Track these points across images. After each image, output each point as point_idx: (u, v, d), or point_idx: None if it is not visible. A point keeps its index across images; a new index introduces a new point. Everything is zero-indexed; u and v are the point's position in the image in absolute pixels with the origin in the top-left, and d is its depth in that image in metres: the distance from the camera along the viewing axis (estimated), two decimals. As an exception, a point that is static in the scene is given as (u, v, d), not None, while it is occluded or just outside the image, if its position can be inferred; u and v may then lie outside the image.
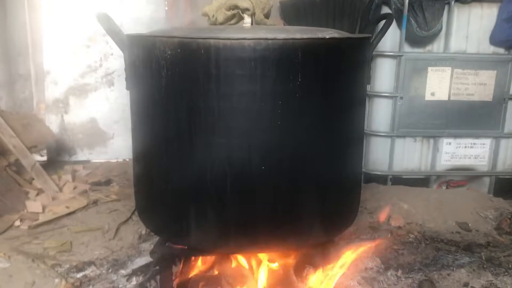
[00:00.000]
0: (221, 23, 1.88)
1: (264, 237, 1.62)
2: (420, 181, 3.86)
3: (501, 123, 3.74)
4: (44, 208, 3.28)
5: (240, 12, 1.82)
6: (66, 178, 4.03)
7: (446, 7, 3.54)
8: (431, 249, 2.87)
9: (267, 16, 1.90)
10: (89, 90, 4.94)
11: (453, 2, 3.52)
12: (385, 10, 3.58)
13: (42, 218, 3.10)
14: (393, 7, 3.53)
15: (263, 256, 1.89)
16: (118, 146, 5.04)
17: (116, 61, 4.95)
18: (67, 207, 3.30)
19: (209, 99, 1.53)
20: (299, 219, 1.64)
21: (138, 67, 1.70)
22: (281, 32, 1.58)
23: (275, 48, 1.48)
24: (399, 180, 3.84)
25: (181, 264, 2.01)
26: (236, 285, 1.80)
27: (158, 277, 1.90)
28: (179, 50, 1.51)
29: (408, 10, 3.49)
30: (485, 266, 2.64)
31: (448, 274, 2.56)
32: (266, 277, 1.87)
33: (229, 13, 1.85)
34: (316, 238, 1.72)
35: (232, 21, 1.88)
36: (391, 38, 3.61)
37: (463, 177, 3.93)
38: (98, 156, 5.00)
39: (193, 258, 2.01)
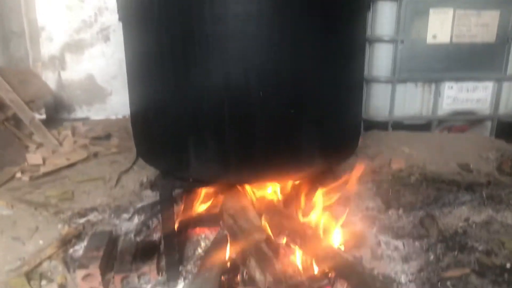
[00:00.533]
0: None
1: (264, 165, 1.60)
2: (422, 127, 3.84)
3: (503, 65, 3.69)
4: (44, 160, 3.27)
5: None
6: (66, 133, 4.01)
7: None
8: (433, 189, 2.87)
9: None
10: (85, 46, 4.86)
11: None
12: (385, -50, 3.47)
13: (43, 170, 3.09)
14: None
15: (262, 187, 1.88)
16: (117, 103, 5.00)
17: (111, 16, 4.85)
18: (68, 159, 3.29)
19: (203, 22, 1.48)
20: (299, 146, 1.62)
21: None
22: None
23: None
24: (400, 126, 3.82)
25: (183, 201, 2.00)
26: (237, 218, 1.79)
27: (160, 215, 1.89)
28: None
29: (408, -51, 3.38)
30: (486, 203, 2.65)
31: (450, 212, 2.56)
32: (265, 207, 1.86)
33: None
34: (316, 166, 1.70)
35: None
36: (391, -21, 3.51)
37: (464, 122, 3.90)
38: (97, 113, 4.97)
39: (194, 196, 2.01)
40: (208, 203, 2.02)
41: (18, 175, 3.08)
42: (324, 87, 1.63)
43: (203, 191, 2.03)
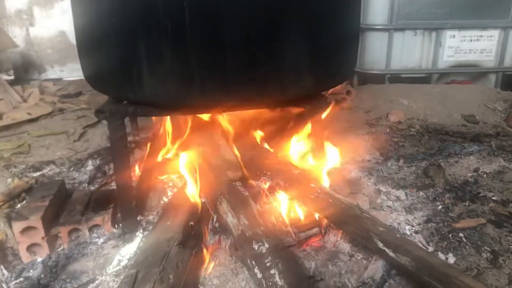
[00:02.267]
0: None
1: (237, 80, 1.24)
2: (421, 80, 3.52)
3: (511, 12, 3.35)
4: (2, 115, 2.92)
5: None
6: (31, 90, 3.65)
7: None
8: (436, 140, 2.57)
9: None
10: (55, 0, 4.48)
11: None
12: None
13: (-1, 123, 2.75)
14: None
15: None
16: (92, 62, 4.61)
17: (83, -34, 4.42)
18: (29, 113, 2.95)
19: None
20: (281, 58, 1.26)
21: None
22: None
23: None
24: (398, 80, 3.50)
25: (148, 146, 1.66)
26: (208, 156, 1.47)
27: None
28: None
29: None
30: (496, 153, 2.34)
31: (456, 162, 2.26)
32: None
33: None
34: (304, 88, 1.35)
35: None
36: None
37: (467, 77, 3.58)
38: (70, 73, 4.61)
39: (160, 137, 1.67)
40: (177, 144, 1.68)
41: (-30, 129, 2.73)
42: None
43: (170, 130, 1.68)
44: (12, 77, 4.45)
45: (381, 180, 2.03)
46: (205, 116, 1.66)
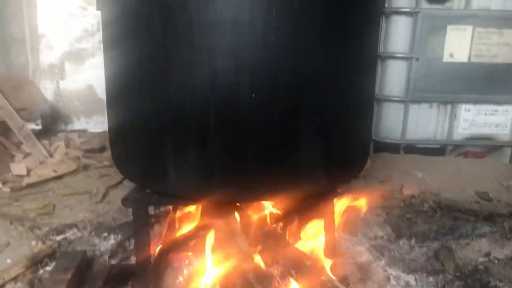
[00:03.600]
0: None
1: (255, 181, 1.35)
2: (435, 151, 3.58)
3: (526, 88, 3.44)
4: (29, 171, 3.06)
5: None
6: (58, 144, 3.80)
7: (469, -42, 3.23)
8: (448, 218, 2.61)
9: None
10: (86, 56, 4.70)
11: (476, -50, 3.20)
12: (401, -38, 3.28)
13: (26, 181, 2.88)
14: (410, -42, 3.23)
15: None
16: (117, 115, 4.78)
17: (114, 25, 4.67)
18: (55, 170, 3.07)
19: (188, 8, 1.26)
20: (297, 160, 1.37)
21: None
22: None
23: None
24: (413, 150, 3.57)
25: (166, 222, 1.75)
26: (223, 242, 1.55)
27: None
28: None
29: (426, -38, 3.19)
30: (508, 236, 2.37)
31: (468, 243, 2.29)
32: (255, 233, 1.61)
33: None
34: (317, 186, 1.45)
35: None
36: (406, -8, 3.31)
37: (481, 148, 3.64)
38: (95, 126, 4.77)
39: (179, 216, 1.76)
40: (194, 224, 1.77)
41: (0, 185, 2.86)
42: (329, 96, 1.39)
43: (188, 210, 1.78)
44: (39, 127, 4.61)
45: (392, 262, 2.08)
46: (223, 202, 1.76)
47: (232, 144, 1.31)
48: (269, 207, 1.74)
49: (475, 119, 3.51)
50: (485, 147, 3.60)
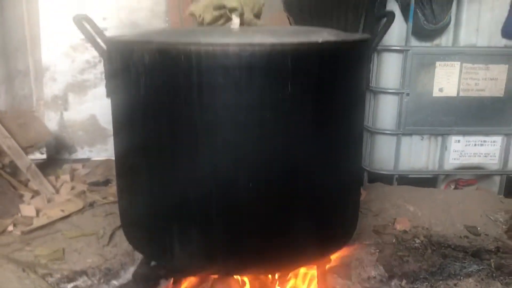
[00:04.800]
0: (209, 24, 1.75)
1: (254, 259, 1.50)
2: (427, 181, 3.72)
3: (513, 120, 3.59)
4: (38, 211, 3.20)
5: (228, 12, 1.69)
6: (64, 178, 3.94)
7: (456, -2, 3.37)
8: (438, 255, 2.75)
9: (258, 15, 1.77)
10: (88, 87, 4.84)
11: (463, -8, 3.35)
12: (391, 3, 3.42)
13: (35, 223, 3.02)
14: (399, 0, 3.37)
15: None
16: (119, 144, 4.92)
17: (115, 56, 4.81)
18: (62, 210, 3.21)
19: (191, 111, 1.40)
20: (291, 238, 1.52)
21: (117, 73, 1.58)
22: (270, 35, 1.45)
23: (262, 55, 1.34)
24: (405, 180, 3.71)
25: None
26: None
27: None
28: (157, 57, 1.38)
29: (415, 2, 3.33)
30: (494, 274, 2.51)
31: (455, 284, 2.44)
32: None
33: (217, 13, 1.73)
34: (310, 257, 1.60)
35: (220, 22, 1.75)
36: (397, 31, 3.46)
37: (472, 176, 3.78)
38: (98, 154, 4.91)
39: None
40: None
41: (10, 228, 3.00)
42: (319, 177, 1.54)
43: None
44: (44, 156, 4.75)
45: (383, 307, 2.22)
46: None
47: (232, 227, 1.45)
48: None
49: (465, 149, 3.65)
50: (475, 175, 3.74)
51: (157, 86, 1.44)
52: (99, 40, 1.72)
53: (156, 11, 4.86)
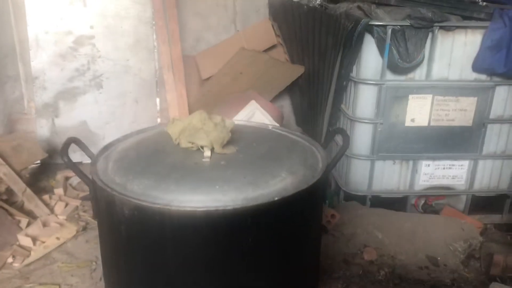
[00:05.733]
0: (184, 147, 1.94)
1: None
2: (399, 200, 3.99)
3: (479, 146, 3.82)
4: (35, 239, 3.44)
5: (199, 147, 1.88)
6: (57, 193, 4.17)
7: (430, 35, 3.50)
8: (399, 290, 3.05)
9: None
10: (78, 94, 4.99)
11: (437, 30, 3.47)
12: (368, 38, 3.55)
13: (33, 256, 3.28)
14: (375, 35, 3.50)
15: None
16: (110, 147, 5.12)
17: (104, 63, 4.97)
18: (58, 238, 3.47)
19: (165, 258, 1.63)
20: None
21: (102, 209, 1.79)
22: (233, 189, 1.63)
23: (226, 215, 1.56)
24: (378, 199, 3.97)
25: None
26: None
27: None
28: (135, 212, 1.59)
29: (390, 39, 3.46)
30: (447, 312, 2.82)
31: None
32: None
33: (190, 144, 1.91)
34: None
35: (194, 148, 1.94)
36: (373, 65, 3.61)
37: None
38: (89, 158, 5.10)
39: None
40: None
41: (10, 260, 3.26)
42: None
43: None
44: (38, 163, 4.96)
45: None
46: None
47: None
48: None
49: (434, 172, 3.90)
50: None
51: (135, 235, 1.65)
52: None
53: (143, 18, 4.94)
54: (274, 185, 1.73)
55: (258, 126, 2.44)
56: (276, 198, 1.61)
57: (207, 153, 1.90)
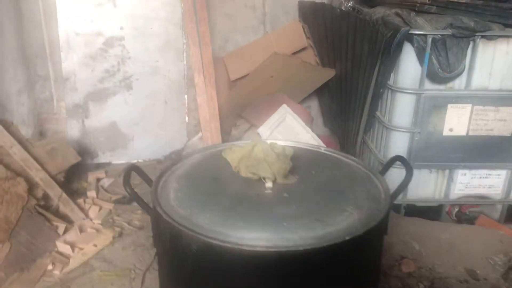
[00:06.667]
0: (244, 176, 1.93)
1: None
2: (433, 208, 3.97)
3: (517, 156, 3.76)
4: (73, 246, 3.47)
5: (262, 178, 1.86)
6: (90, 196, 4.20)
7: (471, 44, 3.44)
8: (439, 305, 3.03)
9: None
10: (108, 95, 4.99)
11: (478, 39, 3.41)
12: (407, 46, 3.50)
13: (72, 263, 3.30)
14: (415, 44, 3.44)
15: None
16: (138, 148, 5.18)
17: (133, 65, 4.96)
18: (95, 245, 3.49)
19: None
20: None
21: (164, 240, 1.78)
22: (302, 224, 1.61)
23: (296, 256, 1.54)
24: (413, 208, 3.95)
25: None
26: None
27: None
28: (204, 249, 1.58)
29: (430, 49, 3.40)
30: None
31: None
32: None
33: (251, 174, 1.90)
34: None
35: (254, 177, 1.92)
36: (412, 73, 3.56)
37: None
38: (119, 158, 5.15)
39: None
40: None
41: (50, 267, 3.30)
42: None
43: None
44: (70, 164, 4.96)
45: None
46: None
47: None
48: None
49: (470, 181, 3.86)
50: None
51: (201, 270, 1.64)
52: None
53: (172, 19, 4.91)
54: (342, 221, 1.71)
55: (310, 148, 2.41)
56: (347, 238, 1.59)
57: (269, 184, 1.88)
